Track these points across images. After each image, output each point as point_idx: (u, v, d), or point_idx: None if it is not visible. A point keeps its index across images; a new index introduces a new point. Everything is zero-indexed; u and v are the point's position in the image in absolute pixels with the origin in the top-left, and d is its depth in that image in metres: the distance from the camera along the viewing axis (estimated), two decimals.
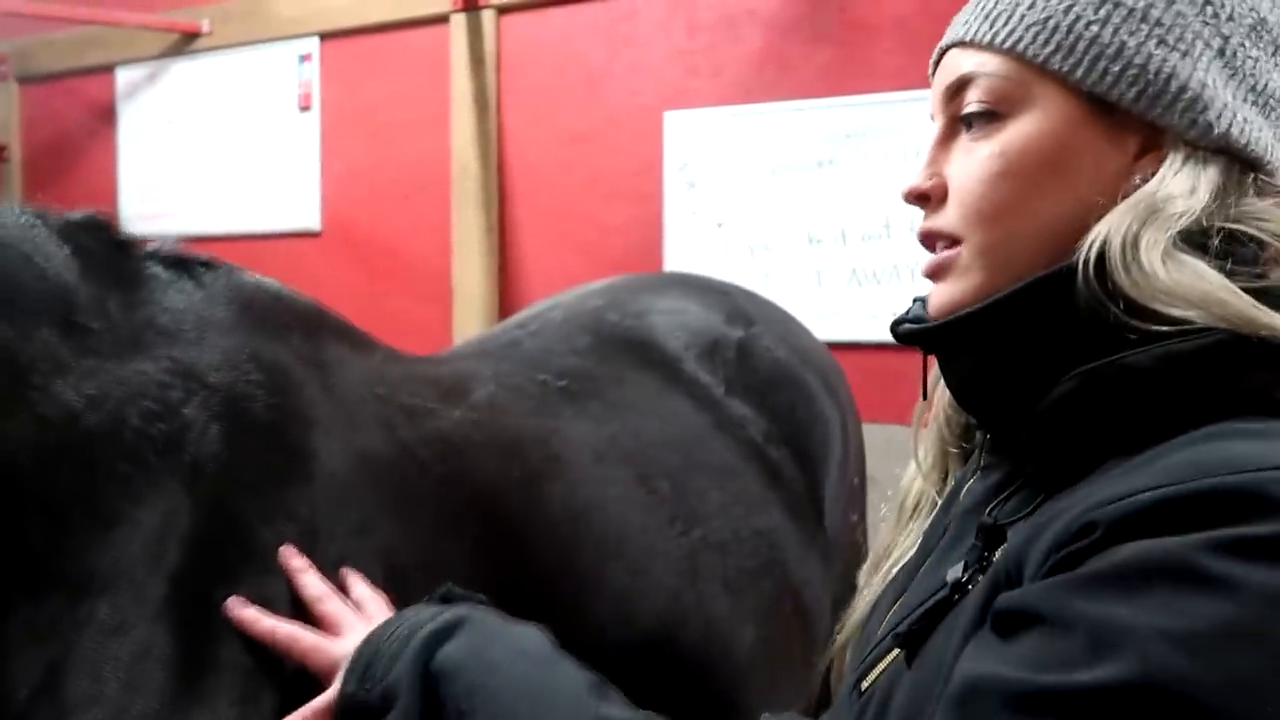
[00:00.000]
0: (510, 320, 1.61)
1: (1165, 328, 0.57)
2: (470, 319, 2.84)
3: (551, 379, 1.22)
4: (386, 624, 0.81)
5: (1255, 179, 0.63)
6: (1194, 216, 0.59)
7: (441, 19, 2.90)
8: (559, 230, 2.80)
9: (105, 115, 3.48)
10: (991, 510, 0.65)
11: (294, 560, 0.84)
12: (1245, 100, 0.64)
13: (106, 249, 0.89)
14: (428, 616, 0.80)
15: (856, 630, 0.80)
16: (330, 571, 0.85)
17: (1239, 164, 0.63)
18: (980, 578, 0.61)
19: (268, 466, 0.85)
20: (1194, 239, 0.59)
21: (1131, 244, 0.58)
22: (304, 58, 3.15)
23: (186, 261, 0.94)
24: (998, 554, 0.61)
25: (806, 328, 1.65)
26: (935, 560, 0.70)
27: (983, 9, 0.68)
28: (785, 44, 2.51)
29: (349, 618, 0.82)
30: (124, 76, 3.44)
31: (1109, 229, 0.60)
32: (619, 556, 1.10)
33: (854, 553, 1.42)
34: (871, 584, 0.80)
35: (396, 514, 0.93)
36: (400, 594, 0.87)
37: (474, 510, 1.01)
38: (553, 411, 1.17)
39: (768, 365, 1.42)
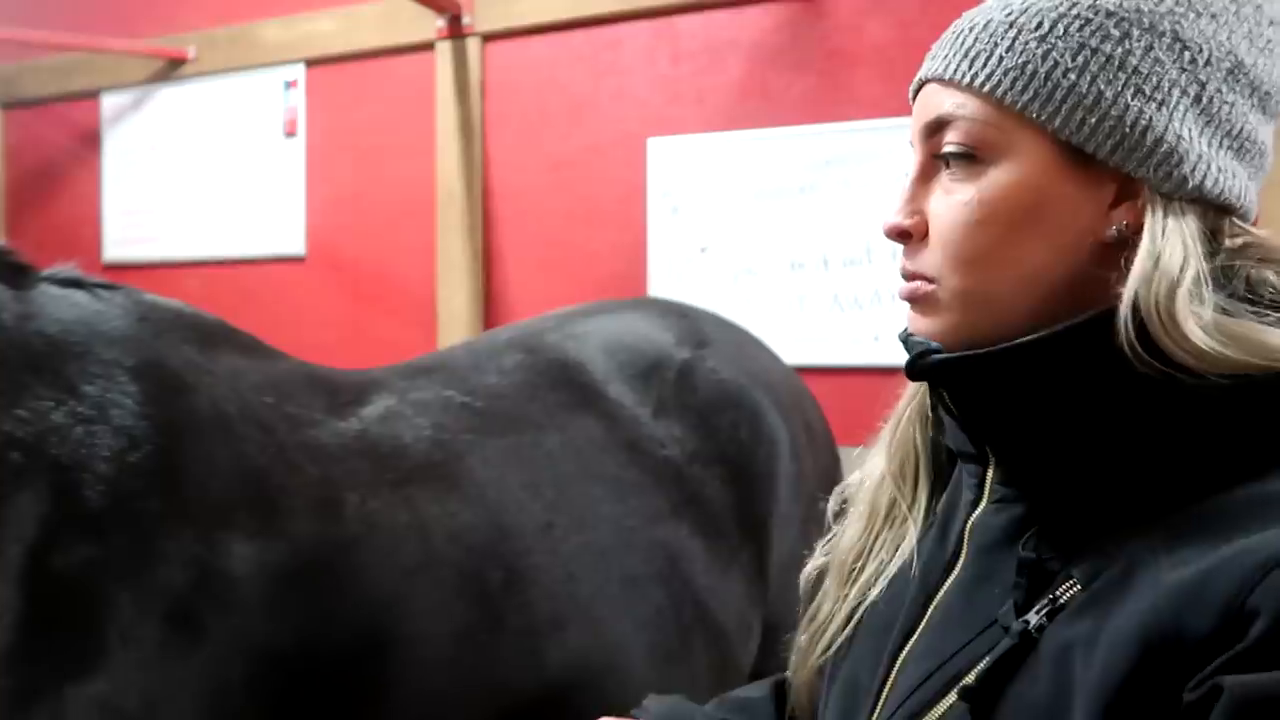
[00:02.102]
0: (470, 339, 1.66)
1: (1221, 380, 0.58)
2: (455, 344, 2.84)
3: (459, 394, 1.27)
4: None
5: (1231, 221, 0.65)
6: (1205, 274, 0.60)
7: (427, 46, 2.92)
8: (544, 256, 2.82)
9: (90, 141, 3.48)
10: (1027, 544, 0.64)
11: None
12: (1220, 146, 0.64)
13: (3, 269, 0.95)
14: None
15: (831, 642, 0.78)
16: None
17: (1214, 209, 0.64)
18: (1040, 619, 0.60)
19: (126, 467, 0.88)
20: (1214, 283, 0.61)
21: (1169, 320, 0.59)
22: (290, 84, 3.17)
23: (84, 282, 1.00)
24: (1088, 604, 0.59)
25: (770, 351, 1.68)
26: (960, 598, 0.69)
27: (961, 45, 0.67)
28: (767, 72, 2.54)
29: None
30: (109, 102, 3.44)
31: (1135, 300, 0.60)
32: (491, 556, 1.13)
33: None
34: (848, 596, 0.78)
35: (263, 512, 0.95)
36: (266, 588, 0.91)
37: (342, 511, 1.03)
38: (450, 424, 1.22)
39: (709, 386, 1.46)
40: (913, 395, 0.79)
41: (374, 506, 1.05)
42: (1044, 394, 0.64)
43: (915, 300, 0.70)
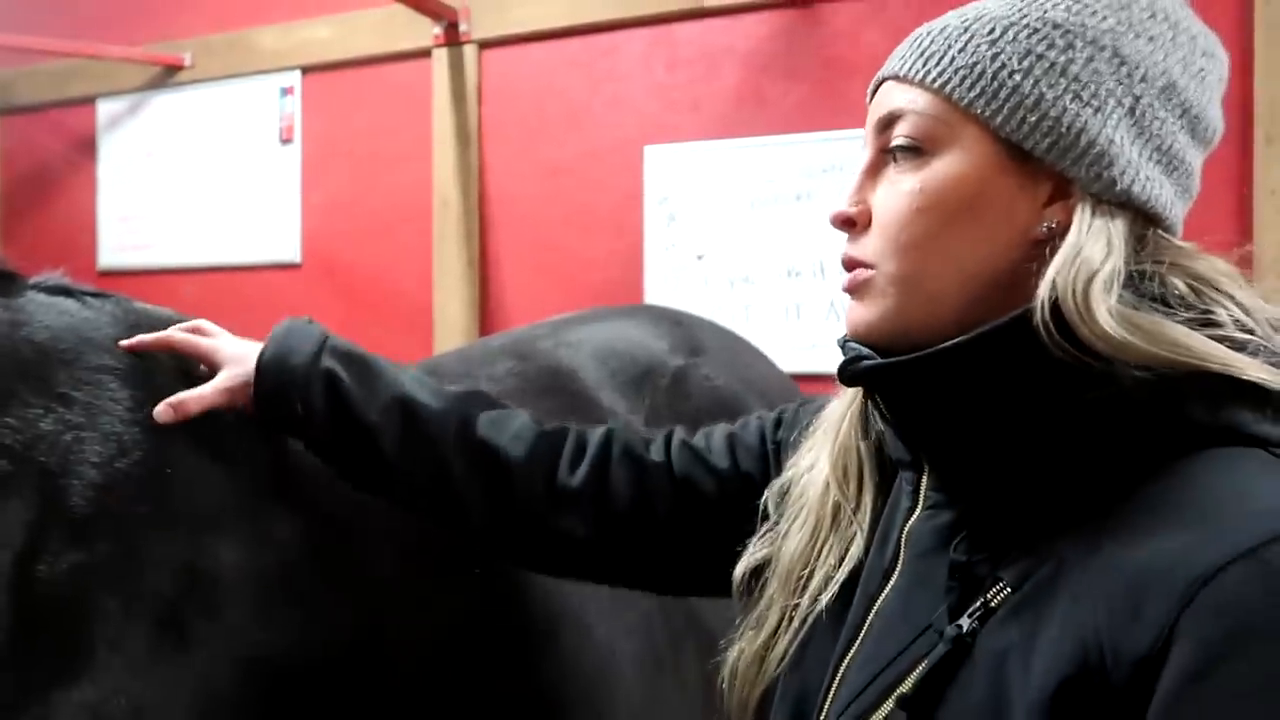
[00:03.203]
0: (463, 345, 1.65)
1: (1138, 372, 0.60)
2: (447, 350, 2.83)
3: None
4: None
5: (1155, 232, 0.67)
6: (1121, 271, 0.63)
7: (423, 53, 2.92)
8: (540, 263, 2.82)
9: (86, 147, 3.48)
10: (958, 548, 0.66)
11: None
12: (1150, 159, 0.67)
13: None
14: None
15: (785, 653, 0.79)
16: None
17: (1142, 217, 0.67)
18: (973, 623, 0.61)
19: (115, 473, 0.88)
20: (1130, 287, 0.63)
21: (1084, 305, 0.61)
22: (286, 91, 3.17)
23: (73, 289, 1.00)
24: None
25: (765, 358, 1.68)
26: (897, 605, 0.70)
27: (919, 46, 0.71)
28: (763, 80, 2.54)
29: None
30: (105, 109, 3.44)
31: (1053, 289, 0.63)
32: (480, 563, 1.12)
33: None
34: (798, 605, 0.78)
35: (253, 519, 0.95)
36: (257, 595, 0.91)
37: (334, 519, 1.02)
38: None
39: (703, 394, 1.46)
40: (851, 399, 0.81)
41: (366, 514, 1.04)
42: (970, 396, 0.66)
43: (854, 290, 0.72)
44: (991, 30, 0.68)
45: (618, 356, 1.44)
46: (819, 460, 0.82)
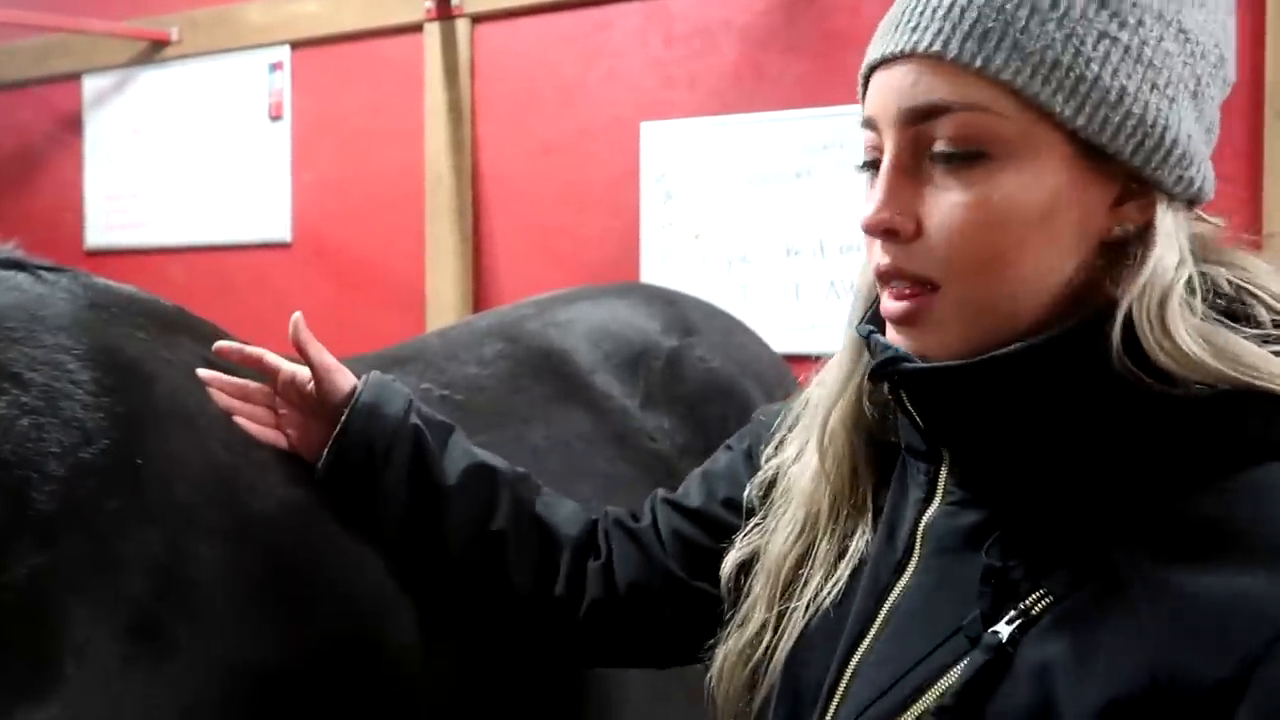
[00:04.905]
0: (445, 326, 1.61)
1: (1198, 387, 0.57)
2: (429, 332, 2.80)
3: (436, 387, 1.21)
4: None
5: (1202, 228, 0.64)
6: (1194, 278, 0.60)
7: (415, 28, 2.87)
8: (534, 241, 2.78)
9: (71, 125, 3.43)
10: (990, 551, 0.62)
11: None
12: (1205, 140, 0.63)
13: None
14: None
15: (769, 653, 0.75)
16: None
17: (1192, 207, 0.63)
18: (1013, 631, 0.59)
19: (79, 464, 0.80)
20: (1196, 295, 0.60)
21: (1160, 326, 0.57)
22: (275, 66, 3.11)
23: (26, 264, 0.92)
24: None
25: (757, 338, 1.64)
26: (919, 603, 0.67)
27: (957, 16, 0.60)
28: (762, 55, 2.49)
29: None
30: (90, 85, 3.39)
31: (1130, 307, 0.59)
32: None
33: None
34: (792, 612, 0.74)
35: (233, 513, 0.89)
36: (239, 595, 0.85)
37: (318, 511, 0.98)
38: None
39: (698, 376, 1.41)
40: (841, 389, 0.75)
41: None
42: (1018, 399, 0.61)
43: (910, 318, 0.64)
44: (1054, 5, 0.59)
45: (611, 338, 1.40)
46: (805, 451, 0.78)
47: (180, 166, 3.25)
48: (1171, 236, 0.60)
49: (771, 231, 2.47)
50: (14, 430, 0.78)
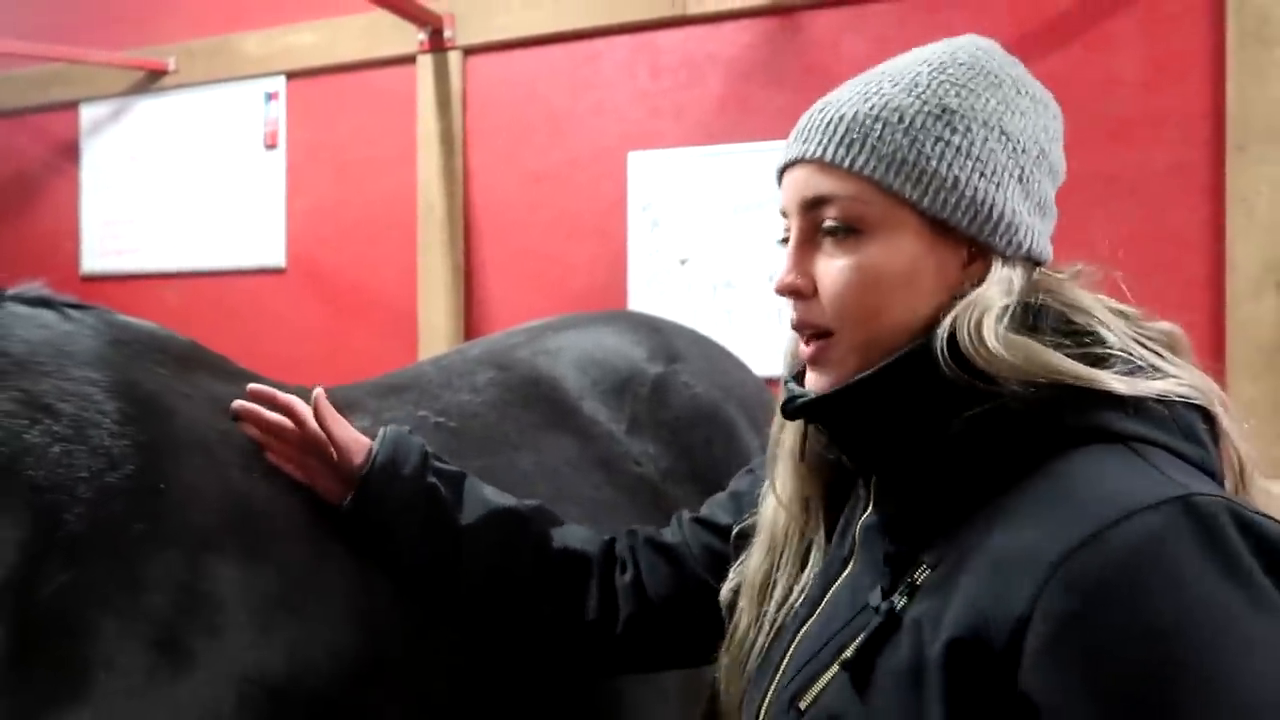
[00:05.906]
0: (439, 354, 1.63)
1: (1015, 388, 0.72)
2: (423, 360, 2.83)
3: (432, 414, 1.26)
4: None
5: (1039, 270, 0.81)
6: (1013, 307, 0.75)
7: (408, 59, 2.93)
8: (524, 268, 2.83)
9: (68, 152, 3.47)
10: (890, 539, 0.78)
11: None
12: (1034, 213, 0.80)
13: None
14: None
15: (749, 652, 0.90)
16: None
17: (1032, 264, 0.81)
18: (902, 599, 0.73)
19: (106, 488, 0.86)
20: (1015, 318, 0.75)
21: (977, 335, 0.73)
22: (270, 96, 3.17)
23: (52, 301, 0.98)
24: (921, 596, 0.72)
25: (741, 364, 1.68)
26: (846, 587, 0.83)
27: (833, 132, 0.80)
28: (746, 87, 2.56)
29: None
30: (88, 113, 3.43)
31: (953, 323, 0.75)
32: None
33: None
34: (766, 614, 0.90)
35: (248, 535, 0.94)
36: (255, 613, 0.90)
37: (326, 534, 1.02)
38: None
39: (683, 402, 1.46)
40: (796, 430, 0.91)
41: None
42: (885, 416, 0.78)
43: (816, 360, 0.82)
44: (901, 119, 0.78)
45: (598, 365, 1.44)
46: (771, 488, 0.94)
47: (176, 193, 3.29)
48: (1003, 281, 0.77)
49: (755, 258, 2.53)
50: (46, 457, 0.83)
